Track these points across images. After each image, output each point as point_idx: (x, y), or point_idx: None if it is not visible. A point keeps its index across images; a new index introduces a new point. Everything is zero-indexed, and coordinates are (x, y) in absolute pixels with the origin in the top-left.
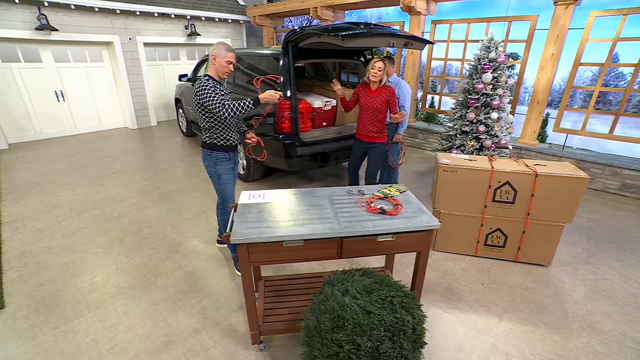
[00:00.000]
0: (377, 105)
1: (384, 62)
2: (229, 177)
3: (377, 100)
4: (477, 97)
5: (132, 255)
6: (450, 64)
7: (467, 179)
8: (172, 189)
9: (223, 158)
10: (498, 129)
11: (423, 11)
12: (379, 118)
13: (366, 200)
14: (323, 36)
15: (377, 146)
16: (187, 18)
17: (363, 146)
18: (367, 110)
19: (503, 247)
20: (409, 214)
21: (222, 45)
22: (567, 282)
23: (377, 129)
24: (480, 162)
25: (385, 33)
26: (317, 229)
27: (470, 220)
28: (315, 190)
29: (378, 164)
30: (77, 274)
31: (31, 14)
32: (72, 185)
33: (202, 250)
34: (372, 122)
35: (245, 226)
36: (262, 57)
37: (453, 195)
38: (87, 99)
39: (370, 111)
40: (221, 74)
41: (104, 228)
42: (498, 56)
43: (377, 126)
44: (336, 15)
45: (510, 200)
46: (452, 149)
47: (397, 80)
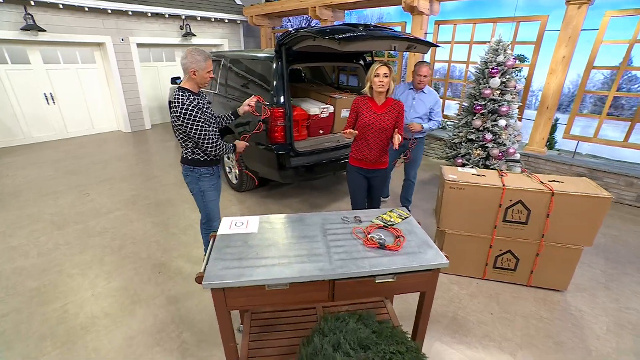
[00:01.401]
0: (385, 124)
1: (388, 66)
2: (213, 194)
3: (386, 118)
4: (484, 103)
5: (112, 277)
6: (454, 66)
7: (475, 196)
8: (160, 200)
9: (207, 173)
10: (506, 137)
11: (426, 11)
12: (385, 139)
13: (363, 230)
14: (318, 39)
15: (381, 173)
16: (182, 18)
17: (365, 175)
18: (371, 130)
19: (514, 270)
20: (412, 249)
21: (198, 56)
22: (586, 311)
23: (384, 151)
24: (490, 177)
25: (386, 35)
26: (306, 269)
27: (478, 241)
28: (307, 217)
29: (382, 190)
30: (48, 301)
31: (17, 14)
32: (57, 194)
33: (187, 272)
34: (377, 145)
35: (222, 265)
36: (255, 60)
37: (460, 214)
38: (79, 101)
39: (376, 131)
40: (202, 85)
41: (85, 245)
42: (507, 59)
43: (384, 148)
44: (335, 15)
45: (523, 221)
46: (456, 157)
47: (434, 94)
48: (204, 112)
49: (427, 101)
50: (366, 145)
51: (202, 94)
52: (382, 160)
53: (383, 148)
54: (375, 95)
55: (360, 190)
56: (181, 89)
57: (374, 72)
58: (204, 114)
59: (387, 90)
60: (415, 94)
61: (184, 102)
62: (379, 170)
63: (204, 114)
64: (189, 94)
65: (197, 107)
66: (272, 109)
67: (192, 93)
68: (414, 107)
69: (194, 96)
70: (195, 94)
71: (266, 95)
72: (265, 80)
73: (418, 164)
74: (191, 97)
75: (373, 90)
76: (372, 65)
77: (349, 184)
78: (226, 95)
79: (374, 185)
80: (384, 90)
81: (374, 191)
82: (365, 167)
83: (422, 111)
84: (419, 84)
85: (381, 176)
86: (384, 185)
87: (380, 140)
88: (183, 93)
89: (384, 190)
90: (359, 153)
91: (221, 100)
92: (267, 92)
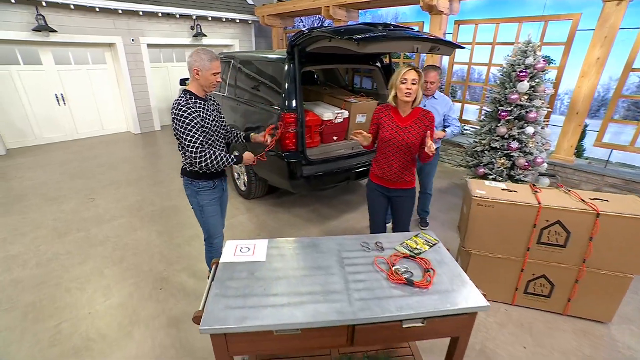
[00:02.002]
0: (409, 139)
1: (418, 71)
2: (213, 209)
3: (411, 132)
4: (510, 109)
5: (111, 292)
6: (473, 68)
7: (506, 215)
8: (166, 206)
9: (206, 187)
10: (533, 146)
11: (445, 10)
12: (409, 157)
13: (386, 261)
14: (335, 39)
15: (407, 194)
16: (192, 18)
17: (386, 194)
18: (393, 146)
19: (548, 297)
20: (444, 285)
21: (204, 55)
22: (637, 349)
23: (408, 170)
24: (522, 193)
25: (408, 36)
26: (321, 311)
27: (508, 264)
28: (321, 242)
29: (410, 213)
30: (42, 318)
31: (29, 15)
32: (61, 199)
33: (191, 288)
34: (399, 163)
35: (224, 304)
36: (266, 61)
37: (488, 233)
38: (89, 102)
39: (398, 147)
40: (207, 88)
41: (85, 255)
42: (536, 62)
43: (409, 166)
44: (349, 15)
45: (561, 244)
46: (478, 166)
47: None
48: (204, 119)
49: (439, 107)
50: (386, 162)
51: (209, 99)
52: (406, 180)
53: (406, 166)
54: (400, 104)
55: (380, 211)
56: (185, 92)
57: (400, 78)
58: (204, 120)
59: (414, 100)
60: (425, 100)
61: (180, 102)
62: (402, 190)
63: (204, 120)
64: (191, 96)
65: (194, 109)
66: (283, 119)
67: (196, 96)
68: None
69: (196, 99)
70: (199, 98)
71: (277, 98)
72: (276, 83)
73: (433, 175)
74: (190, 100)
75: (397, 99)
76: (397, 70)
77: (368, 203)
78: (236, 98)
79: (398, 206)
80: (411, 100)
81: (399, 214)
82: (385, 185)
83: (436, 119)
84: (426, 90)
85: (406, 197)
86: (411, 208)
87: (403, 158)
88: (185, 95)
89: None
90: (378, 170)
91: (230, 103)
92: (279, 95)
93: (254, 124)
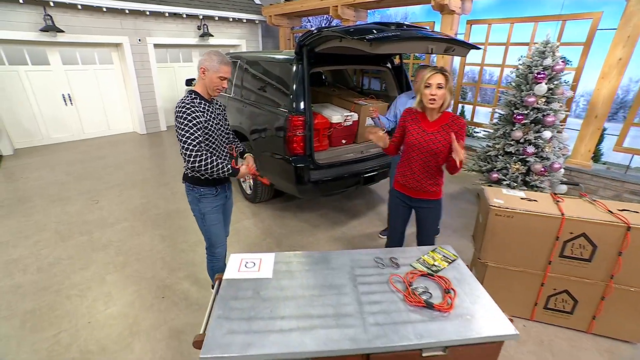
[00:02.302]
0: (435, 145)
1: (444, 74)
2: (215, 217)
3: (437, 138)
4: (526, 112)
5: (112, 300)
6: (484, 70)
7: (526, 226)
8: (170, 210)
9: (208, 194)
10: (550, 151)
11: (457, 10)
12: (434, 165)
13: (403, 279)
14: (346, 40)
15: (431, 205)
16: (199, 18)
17: (409, 203)
18: (417, 151)
19: (570, 313)
20: (466, 308)
21: (215, 56)
22: None
23: (433, 179)
24: (543, 203)
25: (422, 36)
26: (333, 338)
27: (527, 277)
28: (332, 256)
29: (435, 226)
30: (41, 328)
31: (37, 15)
32: (66, 201)
33: (194, 298)
34: (422, 171)
35: (227, 328)
36: (273, 62)
37: (506, 245)
38: (96, 102)
39: (422, 154)
40: (211, 90)
41: (87, 260)
42: (555, 63)
43: (433, 175)
44: (358, 15)
45: (586, 258)
46: (491, 172)
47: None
48: (207, 120)
49: None
50: (409, 169)
51: (215, 102)
52: (430, 190)
53: (431, 175)
54: (427, 110)
55: (400, 221)
56: (190, 92)
57: (424, 82)
58: (207, 122)
59: (440, 105)
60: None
61: (184, 101)
62: (426, 200)
63: (208, 122)
64: (196, 97)
65: (198, 109)
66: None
67: (201, 97)
68: None
69: (201, 100)
70: (204, 99)
71: (285, 100)
72: (284, 84)
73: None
74: (195, 100)
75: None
76: (422, 73)
77: (389, 211)
78: (242, 100)
79: (421, 218)
80: (436, 107)
81: (422, 226)
82: (408, 194)
83: None
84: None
85: (430, 208)
86: (436, 221)
87: (428, 166)
88: (190, 95)
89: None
90: (401, 177)
91: (237, 104)
92: (286, 97)
93: (261, 126)
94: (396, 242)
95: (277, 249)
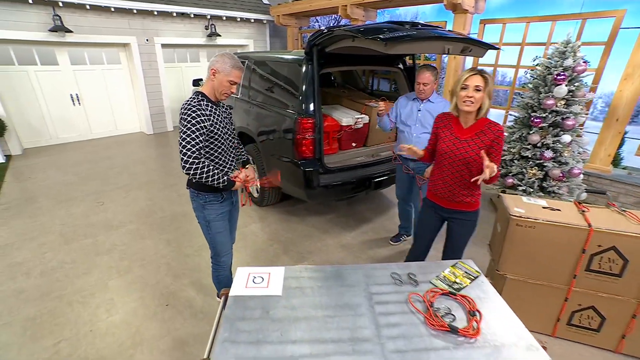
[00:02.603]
0: (468, 154)
1: (483, 76)
2: (221, 225)
3: (471, 146)
4: (544, 115)
5: (114, 308)
6: (497, 71)
7: (550, 237)
8: (176, 212)
9: (213, 201)
10: (569, 155)
11: (470, 9)
12: (471, 173)
13: (423, 298)
14: (359, 39)
15: (464, 217)
16: (207, 18)
17: (441, 214)
18: (452, 160)
19: (596, 331)
20: (494, 333)
21: (228, 59)
22: None
23: (467, 189)
24: (567, 213)
25: (439, 36)
26: None
27: (549, 292)
28: (346, 271)
29: (466, 241)
30: (41, 336)
31: (46, 15)
32: (71, 202)
33: (198, 306)
34: (454, 180)
35: (233, 354)
36: (282, 62)
37: (527, 256)
38: (103, 102)
39: (454, 162)
40: (219, 94)
41: (90, 265)
42: (576, 64)
43: (468, 185)
44: (367, 15)
45: (616, 273)
46: (506, 176)
47: (444, 103)
48: (214, 124)
49: (435, 112)
50: (440, 178)
51: (222, 105)
52: (463, 200)
53: (465, 184)
54: (462, 114)
55: (428, 231)
56: (197, 93)
57: (461, 84)
58: (213, 125)
59: (477, 109)
60: (420, 104)
61: (190, 102)
62: (460, 212)
63: (214, 125)
64: (203, 98)
65: (202, 111)
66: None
67: (208, 99)
68: (420, 121)
69: (208, 102)
70: (211, 101)
71: (294, 101)
72: (292, 85)
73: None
74: (202, 102)
75: (458, 108)
76: (461, 75)
77: (416, 223)
78: (249, 101)
79: (451, 230)
80: (473, 110)
81: (451, 238)
82: (439, 203)
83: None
84: (420, 93)
85: (462, 220)
86: (467, 235)
87: (460, 175)
88: (196, 96)
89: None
90: (433, 185)
91: (244, 105)
92: (295, 98)
93: (268, 128)
94: (419, 252)
95: (285, 255)
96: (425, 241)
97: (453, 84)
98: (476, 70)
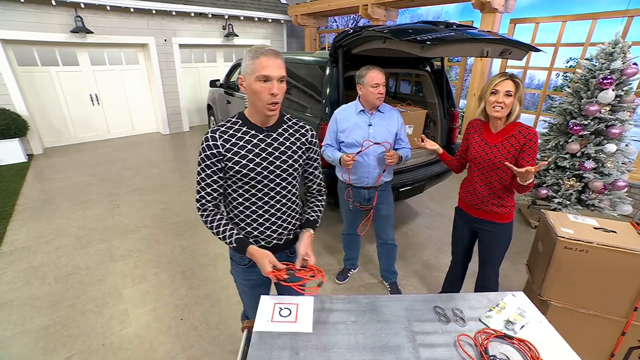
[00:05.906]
0: (497, 159)
1: (515, 81)
2: (248, 292)
3: (500, 151)
4: (586, 122)
5: (127, 320)
6: (520, 72)
7: (604, 263)
8: (192, 218)
9: (238, 261)
10: (613, 166)
11: (500, 8)
12: (497, 181)
13: (473, 340)
14: (391, 41)
15: (495, 229)
16: (224, 18)
17: (472, 224)
18: (481, 165)
19: None
20: None
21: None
22: None
23: (497, 199)
24: (625, 235)
25: (479, 38)
26: None
27: (603, 323)
28: (382, 303)
29: (501, 255)
30: (53, 348)
31: (68, 16)
32: (88, 204)
33: (214, 322)
34: (484, 187)
35: None
36: (305, 65)
37: (576, 283)
38: (121, 102)
39: (483, 168)
40: (261, 109)
41: (105, 271)
42: (627, 66)
43: (498, 194)
44: (388, 14)
45: None
46: (540, 187)
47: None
48: (241, 158)
49: (389, 124)
50: (470, 185)
51: (276, 130)
52: (493, 210)
53: (495, 193)
54: (491, 120)
55: (460, 242)
56: (236, 115)
57: (490, 88)
58: (240, 161)
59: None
60: (370, 118)
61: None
62: (488, 222)
63: (241, 160)
64: (236, 122)
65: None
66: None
67: (247, 122)
68: (373, 137)
69: (242, 126)
70: (254, 127)
71: (316, 106)
72: (315, 89)
73: (391, 217)
74: (230, 129)
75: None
76: (491, 80)
77: (453, 229)
78: None
79: (482, 243)
80: (502, 116)
81: (483, 253)
82: (468, 211)
83: (388, 139)
84: (377, 99)
85: (493, 233)
86: (500, 249)
87: (489, 181)
88: (231, 118)
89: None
90: (463, 192)
91: None
92: (318, 102)
93: None
94: (456, 271)
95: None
96: (459, 257)
97: (481, 89)
98: (507, 75)
